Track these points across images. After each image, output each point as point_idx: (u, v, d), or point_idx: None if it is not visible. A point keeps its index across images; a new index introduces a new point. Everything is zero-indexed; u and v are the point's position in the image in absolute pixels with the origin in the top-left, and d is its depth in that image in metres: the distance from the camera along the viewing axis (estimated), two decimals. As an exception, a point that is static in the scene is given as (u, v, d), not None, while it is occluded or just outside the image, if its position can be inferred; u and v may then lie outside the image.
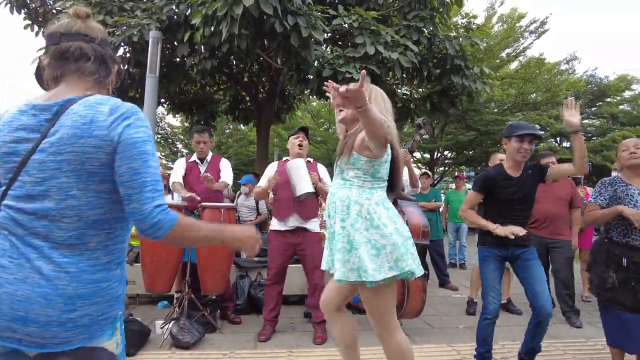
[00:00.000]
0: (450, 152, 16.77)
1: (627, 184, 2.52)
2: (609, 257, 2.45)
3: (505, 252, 2.66)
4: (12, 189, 1.03)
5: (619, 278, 2.37)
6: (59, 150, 1.00)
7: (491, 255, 2.69)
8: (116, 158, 1.03)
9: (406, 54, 5.63)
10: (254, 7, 4.50)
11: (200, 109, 9.07)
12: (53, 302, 0.98)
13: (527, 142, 2.59)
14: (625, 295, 2.35)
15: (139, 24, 5.63)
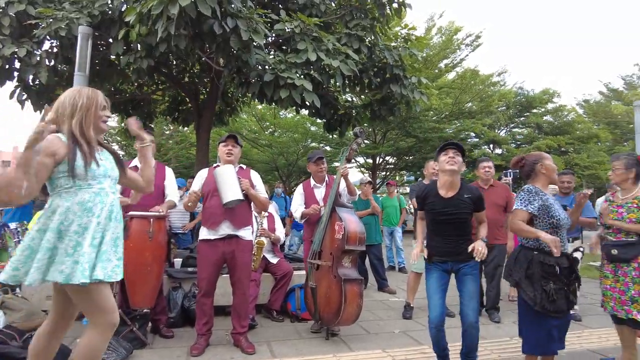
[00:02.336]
0: (391, 158, 17.30)
1: (545, 194, 2.62)
2: (544, 268, 2.48)
3: (445, 266, 2.81)
4: None
5: (556, 287, 2.44)
6: None
7: (433, 268, 2.84)
8: None
9: (347, 62, 5.70)
10: (191, 7, 4.36)
11: (137, 109, 8.64)
12: None
13: (452, 152, 2.73)
14: (562, 302, 2.44)
15: (67, 17, 5.26)
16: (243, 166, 3.54)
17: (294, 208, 4.05)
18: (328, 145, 16.58)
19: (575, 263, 2.61)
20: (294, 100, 5.48)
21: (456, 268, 2.79)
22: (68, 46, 5.56)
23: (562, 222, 2.52)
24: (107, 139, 16.95)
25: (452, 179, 2.76)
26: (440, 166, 2.79)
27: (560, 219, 2.52)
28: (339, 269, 3.44)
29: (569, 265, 2.52)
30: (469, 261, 2.74)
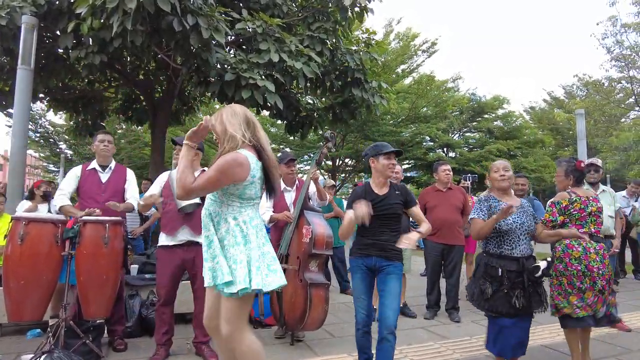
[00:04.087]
0: (350, 160, 17.49)
1: (498, 201, 2.80)
2: (486, 269, 2.67)
3: (369, 262, 2.72)
4: None
5: (493, 287, 2.59)
6: None
7: (357, 266, 2.76)
8: None
9: (310, 64, 5.69)
10: (149, 2, 4.19)
11: (87, 106, 8.18)
12: None
13: (394, 159, 2.82)
14: (501, 303, 2.58)
15: (9, 5, 4.90)
16: (206, 169, 3.41)
17: (262, 211, 3.93)
18: (288, 147, 16.51)
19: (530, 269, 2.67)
20: (256, 101, 5.39)
21: (380, 265, 2.68)
22: (10, 37, 5.17)
23: (504, 228, 2.67)
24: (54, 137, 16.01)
25: (386, 181, 2.83)
26: (381, 168, 2.77)
27: (502, 224, 2.67)
28: (306, 273, 3.40)
29: (517, 270, 2.63)
30: (395, 261, 2.69)
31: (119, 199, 3.38)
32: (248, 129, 2.13)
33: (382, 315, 2.60)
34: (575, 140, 18.65)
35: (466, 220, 4.78)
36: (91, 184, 3.37)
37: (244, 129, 2.11)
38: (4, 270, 2.81)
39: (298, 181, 4.02)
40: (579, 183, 3.12)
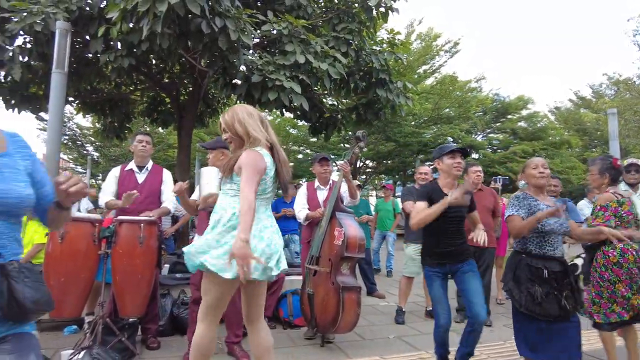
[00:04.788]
0: (371, 162, 17.40)
1: (536, 200, 2.68)
2: (531, 271, 2.54)
3: (445, 269, 2.83)
4: None
5: (543, 290, 2.48)
6: None
7: (434, 274, 2.83)
8: None
9: (335, 65, 5.67)
10: (179, 5, 4.22)
11: (114, 109, 8.33)
12: None
13: (459, 157, 2.79)
14: (551, 306, 2.46)
15: (43, 11, 5.02)
16: (236, 169, 3.42)
17: (298, 209, 3.96)
18: (310, 149, 16.54)
19: (571, 268, 2.63)
20: (282, 102, 5.40)
21: (454, 269, 2.82)
22: (44, 42, 5.30)
23: (547, 228, 2.56)
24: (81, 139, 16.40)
25: (454, 182, 2.86)
26: (446, 168, 2.83)
27: (544, 225, 2.55)
28: (338, 276, 3.37)
29: (561, 270, 2.54)
30: (467, 259, 2.81)
31: (155, 199, 3.42)
32: (264, 128, 2.22)
33: (473, 312, 2.71)
34: (603, 141, 18.14)
35: (497, 222, 4.69)
36: (128, 184, 3.43)
37: (262, 129, 2.20)
38: (45, 268, 2.87)
39: (332, 181, 4.01)
40: (615, 182, 3.01)
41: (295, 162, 18.01)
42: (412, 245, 4.47)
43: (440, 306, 2.79)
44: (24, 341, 1.19)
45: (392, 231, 7.36)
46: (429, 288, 2.89)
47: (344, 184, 3.69)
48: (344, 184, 3.69)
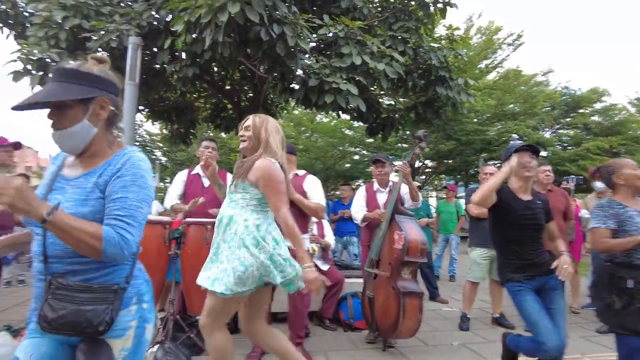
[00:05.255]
0: (430, 161, 16.92)
1: (624, 206, 2.40)
2: (611, 280, 2.32)
3: (534, 283, 2.50)
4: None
5: (622, 302, 2.25)
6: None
7: (525, 291, 2.48)
8: None
9: (392, 65, 5.60)
10: (239, 14, 4.36)
11: (180, 116, 8.83)
12: None
13: (528, 156, 2.54)
14: (632, 320, 2.22)
15: (118, 29, 5.41)
16: (299, 172, 3.46)
17: (355, 210, 3.93)
18: (366, 150, 16.42)
19: None
20: (338, 104, 5.41)
21: (543, 283, 2.51)
22: (118, 56, 5.72)
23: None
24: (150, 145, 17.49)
25: (527, 185, 2.59)
26: (516, 170, 2.54)
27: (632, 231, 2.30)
28: (398, 281, 3.30)
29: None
30: (551, 273, 2.48)
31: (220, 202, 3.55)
32: (282, 148, 2.29)
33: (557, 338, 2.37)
34: (694, 134, 16.26)
35: (569, 225, 4.37)
36: (195, 188, 3.60)
37: (281, 147, 2.27)
38: (122, 268, 3.08)
39: (392, 183, 3.91)
40: None
41: (351, 164, 17.97)
42: (477, 250, 4.28)
43: (543, 324, 2.36)
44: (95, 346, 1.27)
45: (455, 234, 7.09)
46: (521, 306, 2.47)
47: (404, 185, 3.61)
48: (405, 185, 3.61)
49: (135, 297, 1.36)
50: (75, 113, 1.27)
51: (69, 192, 1.29)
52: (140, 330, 1.37)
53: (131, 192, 1.27)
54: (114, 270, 1.31)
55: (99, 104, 1.31)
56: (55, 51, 5.33)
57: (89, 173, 1.32)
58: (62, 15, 5.35)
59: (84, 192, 1.28)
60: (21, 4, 6.23)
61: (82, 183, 1.30)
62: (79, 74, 1.27)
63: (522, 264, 2.50)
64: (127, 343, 1.33)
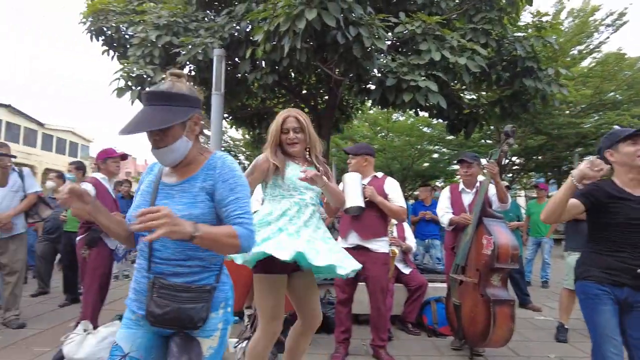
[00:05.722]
0: (518, 158, 15.82)
1: None
2: None
3: (620, 293, 2.02)
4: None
5: None
6: None
7: (603, 294, 2.04)
8: None
9: (474, 58, 5.34)
10: (316, 20, 4.44)
11: (261, 122, 9.23)
12: None
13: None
14: None
15: (203, 42, 5.79)
16: (378, 174, 3.44)
17: (441, 213, 3.79)
18: (445, 148, 15.81)
19: None
20: (417, 102, 5.28)
21: (632, 299, 2.00)
22: (204, 68, 6.12)
23: None
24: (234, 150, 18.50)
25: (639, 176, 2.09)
26: (625, 159, 2.07)
27: None
28: (487, 288, 3.13)
29: None
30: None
31: None
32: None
33: None
34: None
35: None
36: None
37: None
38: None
39: (479, 184, 3.70)
40: None
41: (430, 162, 17.42)
42: (575, 254, 3.90)
43: (611, 343, 1.97)
44: (187, 341, 1.42)
45: (548, 237, 6.53)
46: (592, 316, 2.06)
47: (492, 186, 3.41)
48: (492, 186, 3.41)
49: (223, 302, 1.50)
50: (176, 132, 1.40)
51: (177, 197, 1.43)
52: (224, 331, 1.51)
53: (239, 192, 1.42)
54: (209, 275, 1.45)
55: (194, 120, 1.45)
56: (151, 67, 5.84)
57: (191, 178, 1.45)
58: (156, 34, 5.85)
59: (192, 195, 1.42)
60: (123, 28, 6.92)
61: (188, 188, 1.43)
62: (176, 96, 1.38)
63: (620, 266, 2.02)
64: (214, 342, 1.47)
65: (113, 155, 3.77)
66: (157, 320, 1.36)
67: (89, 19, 6.93)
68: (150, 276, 1.38)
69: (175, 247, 1.39)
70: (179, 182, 1.46)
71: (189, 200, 1.41)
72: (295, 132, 2.23)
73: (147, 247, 1.41)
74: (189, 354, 1.40)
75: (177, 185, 1.46)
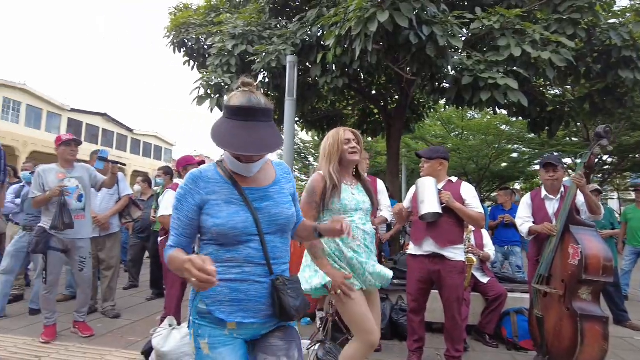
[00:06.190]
0: (610, 157, 14.37)
1: None
2: None
3: None
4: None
5: None
6: None
7: None
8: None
9: (559, 52, 4.94)
10: (388, 22, 4.39)
11: (330, 124, 9.31)
12: None
13: None
14: None
15: (276, 50, 5.97)
16: (453, 179, 3.31)
17: (520, 222, 3.55)
18: (527, 147, 14.78)
19: None
20: (496, 101, 5.01)
21: None
22: (277, 75, 6.32)
23: None
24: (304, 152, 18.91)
25: None
26: None
27: None
28: (574, 302, 2.88)
29: None
30: None
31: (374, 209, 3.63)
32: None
33: None
34: None
35: None
36: None
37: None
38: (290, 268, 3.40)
39: (564, 189, 3.42)
40: None
41: (509, 162, 16.41)
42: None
43: None
44: (289, 331, 1.55)
45: None
46: None
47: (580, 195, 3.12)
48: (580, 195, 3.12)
49: None
50: None
51: (277, 198, 1.55)
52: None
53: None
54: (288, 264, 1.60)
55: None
56: (228, 76, 6.15)
57: (277, 181, 1.60)
58: (233, 43, 6.15)
59: (286, 195, 1.59)
60: (202, 39, 7.37)
61: (279, 189, 1.58)
62: (270, 112, 1.44)
63: None
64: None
65: (192, 162, 4.05)
66: (298, 312, 1.49)
67: (172, 32, 7.47)
68: (271, 277, 1.47)
69: (283, 246, 1.54)
70: (270, 185, 1.57)
71: (287, 199, 1.58)
72: (354, 142, 2.32)
73: (261, 253, 1.46)
74: (295, 341, 1.54)
75: (269, 188, 1.56)
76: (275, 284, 1.46)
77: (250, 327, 1.47)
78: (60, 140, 3.79)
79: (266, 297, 1.46)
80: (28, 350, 3.38)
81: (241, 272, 1.45)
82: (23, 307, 4.61)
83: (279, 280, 1.46)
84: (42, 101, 26.35)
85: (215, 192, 1.48)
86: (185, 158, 4.13)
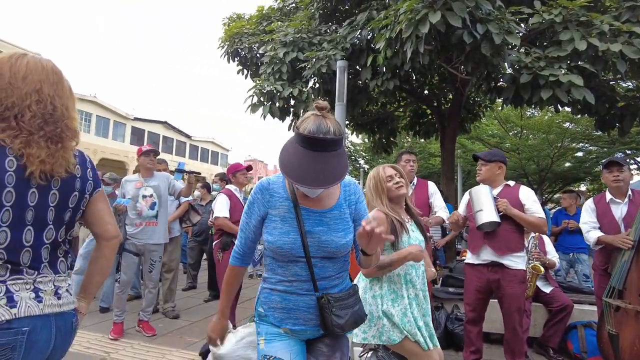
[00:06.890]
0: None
1: None
2: None
3: None
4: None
5: None
6: None
7: None
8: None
9: (633, 42, 4.56)
10: (440, 22, 4.27)
11: (381, 127, 9.23)
12: None
13: None
14: None
15: (326, 55, 6.00)
16: (510, 183, 3.16)
17: (586, 228, 3.30)
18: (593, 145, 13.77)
19: None
20: (558, 99, 4.72)
21: None
22: (327, 80, 6.35)
23: None
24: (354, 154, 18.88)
25: None
26: None
27: None
28: (654, 317, 2.65)
29: None
30: None
31: (425, 211, 3.55)
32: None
33: None
34: None
35: None
36: None
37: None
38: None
39: (632, 192, 3.16)
40: None
41: (573, 162, 15.36)
42: None
43: None
44: (339, 340, 1.61)
45: None
46: None
47: None
48: None
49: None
50: None
51: (332, 224, 1.53)
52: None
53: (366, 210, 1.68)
54: (347, 278, 1.63)
55: None
56: (280, 83, 6.27)
57: (336, 206, 1.57)
58: (284, 51, 6.27)
59: (345, 222, 1.56)
60: (254, 48, 7.58)
61: (339, 214, 1.56)
62: (340, 142, 1.40)
63: None
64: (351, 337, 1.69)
65: (240, 168, 4.23)
66: (343, 329, 1.51)
67: (226, 42, 7.74)
68: (318, 294, 1.50)
69: (334, 266, 1.54)
70: (330, 209, 1.55)
71: (342, 226, 1.55)
72: (397, 177, 2.24)
73: (307, 271, 1.49)
74: (341, 350, 1.60)
75: (327, 213, 1.54)
76: (320, 303, 1.48)
77: (303, 333, 1.54)
78: (141, 151, 4.11)
79: (314, 308, 1.50)
80: (98, 347, 3.64)
81: (290, 285, 1.52)
82: (94, 305, 4.97)
83: (324, 299, 1.48)
84: (109, 111, 28.41)
85: (276, 207, 1.53)
86: (234, 165, 4.31)
